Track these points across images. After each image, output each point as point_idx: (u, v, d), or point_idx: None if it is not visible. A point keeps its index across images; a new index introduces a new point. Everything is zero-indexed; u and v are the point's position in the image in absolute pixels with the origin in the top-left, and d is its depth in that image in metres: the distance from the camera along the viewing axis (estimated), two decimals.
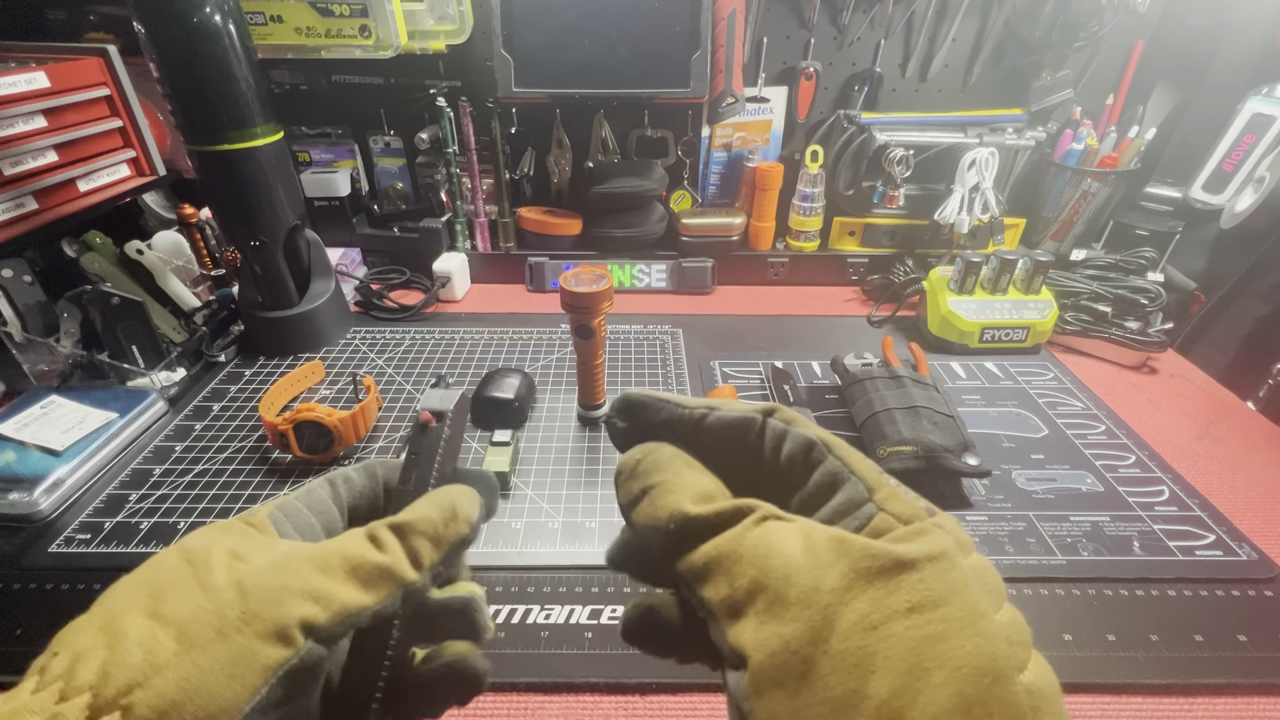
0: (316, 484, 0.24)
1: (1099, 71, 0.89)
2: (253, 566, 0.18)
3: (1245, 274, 0.80)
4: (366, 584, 0.19)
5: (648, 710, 0.40)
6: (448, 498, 0.22)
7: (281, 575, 0.18)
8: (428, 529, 0.21)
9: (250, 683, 0.17)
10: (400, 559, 0.20)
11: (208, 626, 0.17)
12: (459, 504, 0.22)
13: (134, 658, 0.16)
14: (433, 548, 0.21)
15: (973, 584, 0.15)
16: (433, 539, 0.21)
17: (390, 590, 0.20)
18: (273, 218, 0.70)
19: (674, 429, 0.22)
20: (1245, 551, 0.50)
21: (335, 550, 0.20)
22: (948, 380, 0.72)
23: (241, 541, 0.20)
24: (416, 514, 0.21)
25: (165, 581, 0.18)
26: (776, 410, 0.21)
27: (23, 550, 0.50)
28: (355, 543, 0.20)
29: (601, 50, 0.81)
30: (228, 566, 0.18)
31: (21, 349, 0.66)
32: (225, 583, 0.18)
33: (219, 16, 0.59)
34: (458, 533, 0.21)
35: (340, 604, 0.18)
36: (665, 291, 0.94)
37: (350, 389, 0.70)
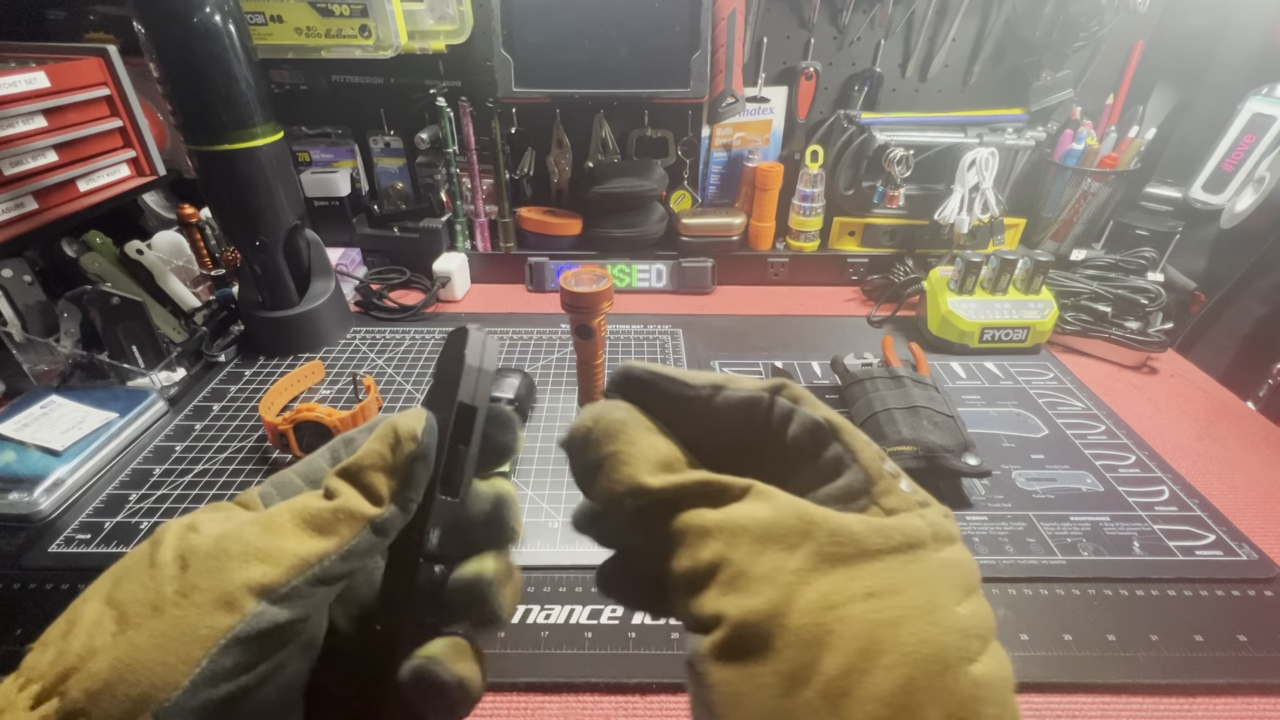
0: (318, 452, 0.23)
1: (1099, 71, 0.88)
2: (198, 537, 0.18)
3: (1245, 274, 0.80)
4: (323, 530, 0.18)
5: (648, 710, 0.40)
6: (388, 425, 0.21)
7: (223, 541, 0.18)
8: (375, 461, 0.20)
9: (187, 655, 0.16)
10: (354, 496, 0.19)
11: (145, 604, 0.17)
12: (399, 426, 0.20)
13: (77, 643, 0.16)
14: (387, 478, 0.20)
15: (937, 575, 0.16)
16: (385, 469, 0.20)
17: (353, 529, 0.19)
18: (273, 218, 0.70)
19: (678, 409, 0.20)
20: (1245, 551, 0.50)
21: (283, 508, 0.19)
22: (948, 380, 0.72)
23: (209, 516, 0.19)
24: (361, 452, 0.20)
25: (128, 565, 0.18)
26: (785, 387, 0.20)
27: (23, 550, 0.50)
28: (305, 497, 0.19)
29: (601, 50, 0.81)
30: (177, 541, 0.18)
31: (21, 349, 0.66)
32: (170, 557, 0.18)
33: (219, 16, 0.59)
34: (407, 452, 0.20)
35: (292, 555, 0.18)
36: (665, 291, 0.94)
37: (350, 389, 0.70)
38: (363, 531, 0.19)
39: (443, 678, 0.20)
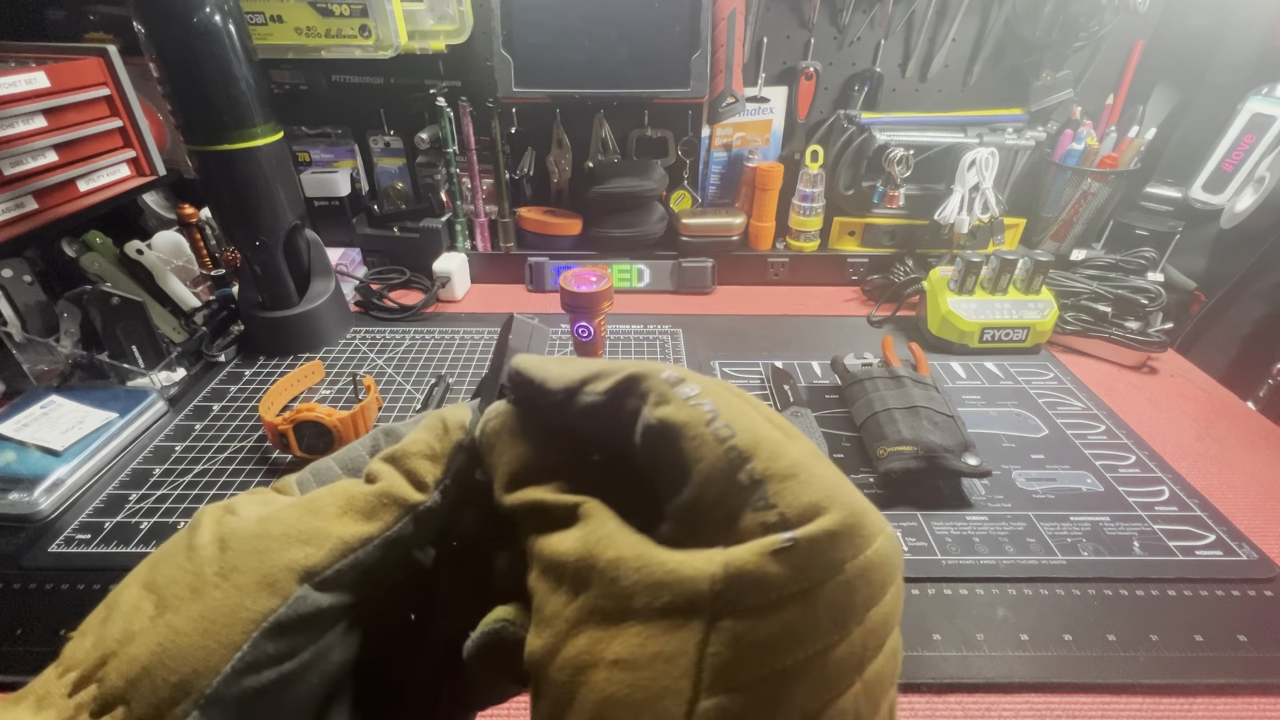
0: (358, 441, 0.22)
1: (1099, 71, 0.89)
2: (238, 520, 0.18)
3: (1245, 274, 0.80)
4: (366, 515, 0.18)
5: None
6: (435, 416, 0.20)
7: (264, 523, 0.17)
8: (421, 448, 0.19)
9: (228, 639, 0.15)
10: (399, 481, 0.19)
11: (184, 586, 0.16)
12: (447, 416, 0.20)
13: (114, 628, 0.16)
14: (432, 465, 0.19)
15: (687, 656, 0.13)
16: (430, 456, 0.19)
17: (395, 514, 0.18)
18: (273, 218, 0.70)
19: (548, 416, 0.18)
20: (1245, 551, 0.50)
21: (325, 491, 0.19)
22: (948, 380, 0.72)
23: (248, 499, 0.19)
24: (408, 440, 0.20)
25: (167, 550, 0.18)
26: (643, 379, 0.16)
27: (23, 550, 0.50)
28: (347, 482, 0.19)
29: (601, 50, 0.81)
30: (215, 524, 0.18)
31: (21, 349, 0.66)
32: (208, 540, 0.17)
33: (219, 16, 0.59)
34: (452, 441, 0.20)
35: (335, 538, 0.17)
36: (665, 291, 0.94)
37: (350, 389, 0.70)
38: (405, 518, 0.18)
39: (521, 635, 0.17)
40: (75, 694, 0.15)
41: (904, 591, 0.26)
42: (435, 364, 0.75)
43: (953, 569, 0.49)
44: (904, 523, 0.53)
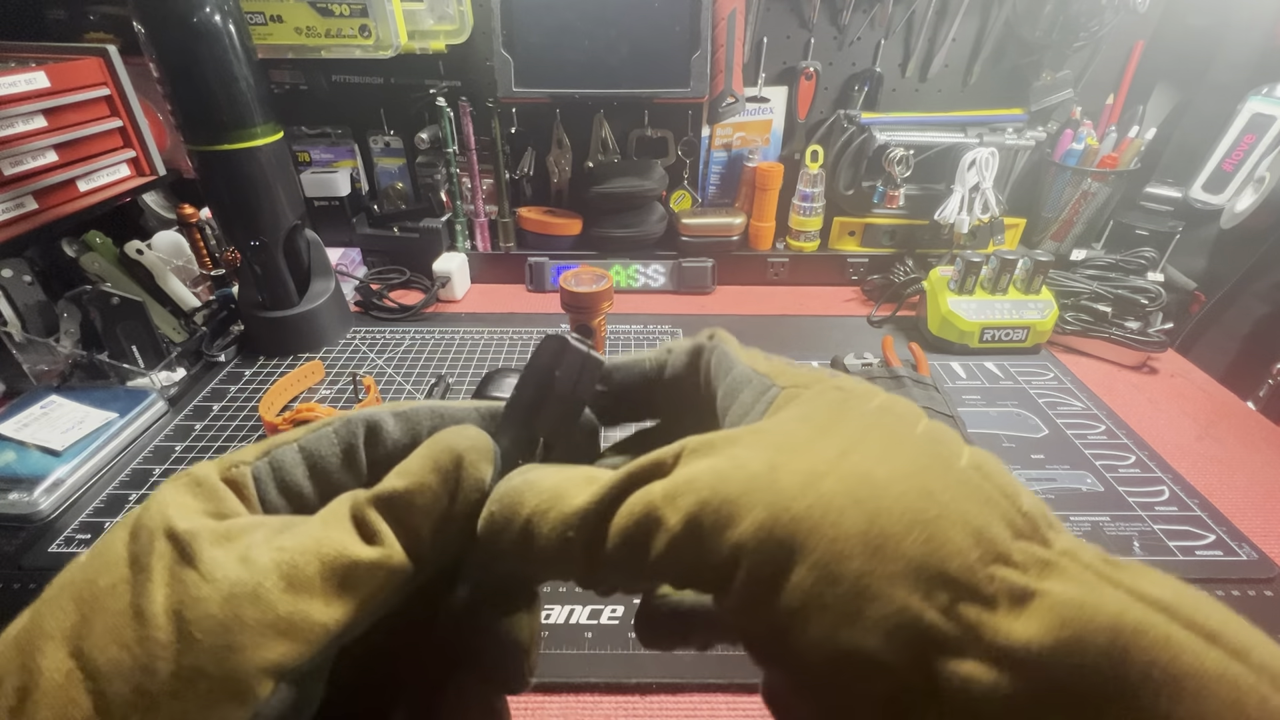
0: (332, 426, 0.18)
1: (1099, 71, 0.89)
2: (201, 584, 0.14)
3: (1245, 274, 0.80)
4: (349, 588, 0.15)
5: (648, 710, 0.40)
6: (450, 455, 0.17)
7: (235, 603, 0.14)
8: (427, 502, 0.16)
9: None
10: (395, 549, 0.16)
11: (131, 687, 0.13)
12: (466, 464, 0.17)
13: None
14: (434, 531, 0.16)
15: (883, 416, 0.15)
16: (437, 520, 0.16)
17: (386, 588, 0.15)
18: (273, 218, 0.70)
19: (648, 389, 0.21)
20: (1245, 551, 0.50)
21: (311, 549, 0.15)
22: (948, 380, 0.72)
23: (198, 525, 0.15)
24: (412, 480, 0.16)
25: (100, 590, 0.14)
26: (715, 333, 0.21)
27: (23, 550, 0.50)
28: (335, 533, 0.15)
29: (601, 50, 0.81)
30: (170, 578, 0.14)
31: (21, 349, 0.66)
32: (162, 608, 0.13)
33: (219, 16, 0.59)
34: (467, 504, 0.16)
35: (320, 627, 0.14)
36: (665, 291, 0.94)
37: (350, 389, 0.70)
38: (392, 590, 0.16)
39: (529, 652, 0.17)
40: None
41: None
42: (435, 364, 0.75)
43: None
44: None
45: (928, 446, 0.14)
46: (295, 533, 0.15)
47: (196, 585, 0.14)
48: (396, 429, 0.19)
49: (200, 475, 0.16)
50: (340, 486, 0.18)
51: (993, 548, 0.12)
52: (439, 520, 0.16)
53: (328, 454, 0.18)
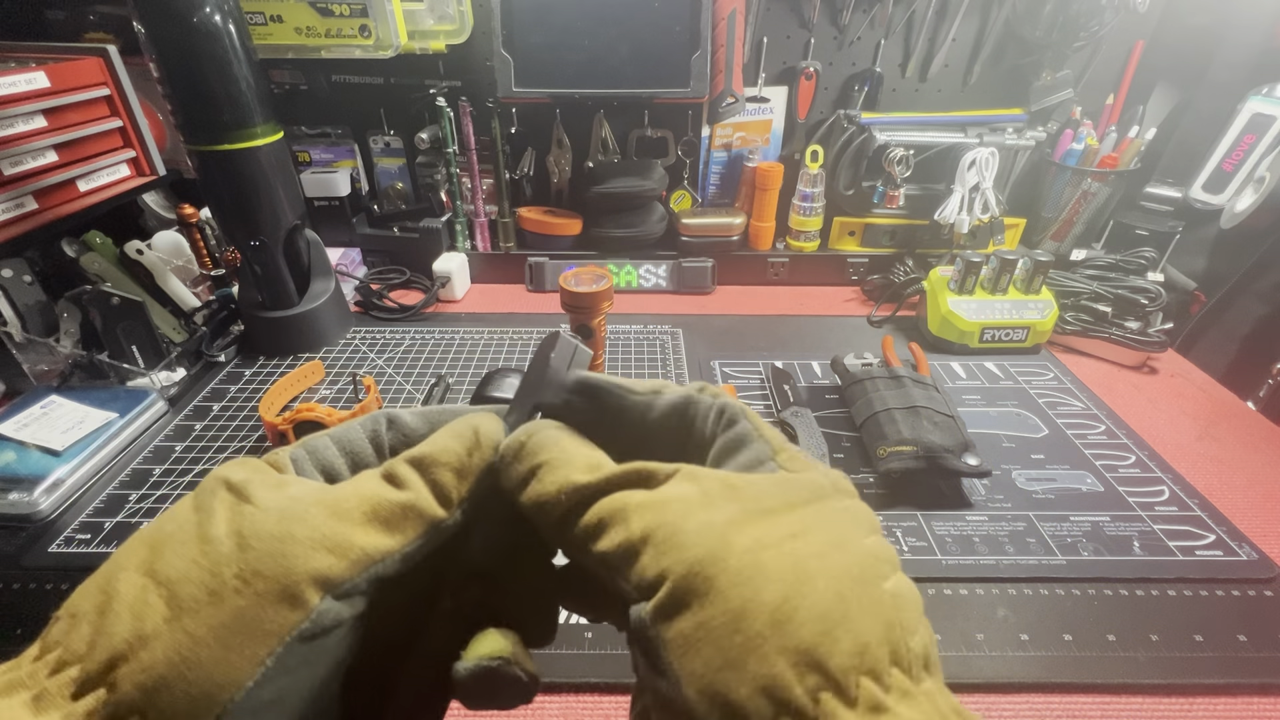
0: (357, 421, 0.21)
1: (1099, 71, 0.89)
2: (257, 513, 0.16)
3: (1245, 274, 0.80)
4: (389, 526, 0.17)
5: None
6: (468, 424, 0.20)
7: (287, 522, 0.16)
8: (450, 460, 0.19)
9: (252, 654, 0.15)
10: (424, 494, 0.18)
11: (200, 587, 0.15)
12: (481, 430, 0.20)
13: (122, 625, 0.15)
14: (458, 479, 0.19)
15: (843, 518, 0.17)
16: (457, 470, 0.19)
17: (418, 530, 0.18)
18: (273, 218, 0.70)
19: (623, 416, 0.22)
20: (1245, 551, 0.50)
21: (350, 491, 0.18)
22: (948, 380, 0.72)
23: (253, 477, 0.18)
24: (436, 445, 0.19)
25: (169, 532, 0.17)
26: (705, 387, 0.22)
27: (23, 550, 0.50)
28: (371, 482, 0.18)
29: (601, 50, 0.81)
30: (230, 511, 0.17)
31: (21, 349, 0.66)
32: (225, 532, 0.16)
33: (219, 16, 0.59)
34: (483, 460, 0.19)
35: (360, 550, 0.17)
36: (665, 291, 0.94)
37: (350, 389, 0.70)
38: (426, 534, 0.18)
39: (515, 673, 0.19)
40: (81, 696, 0.14)
41: None
42: (435, 364, 0.75)
43: (953, 569, 0.49)
44: (904, 523, 0.53)
45: (863, 560, 0.16)
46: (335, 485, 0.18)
47: (252, 513, 0.16)
48: (415, 421, 0.22)
49: (245, 459, 0.19)
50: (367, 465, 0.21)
51: (870, 664, 0.14)
52: (458, 471, 0.19)
53: (355, 438, 0.21)
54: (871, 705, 0.14)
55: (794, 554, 0.16)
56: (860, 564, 0.16)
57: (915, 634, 0.15)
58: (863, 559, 0.16)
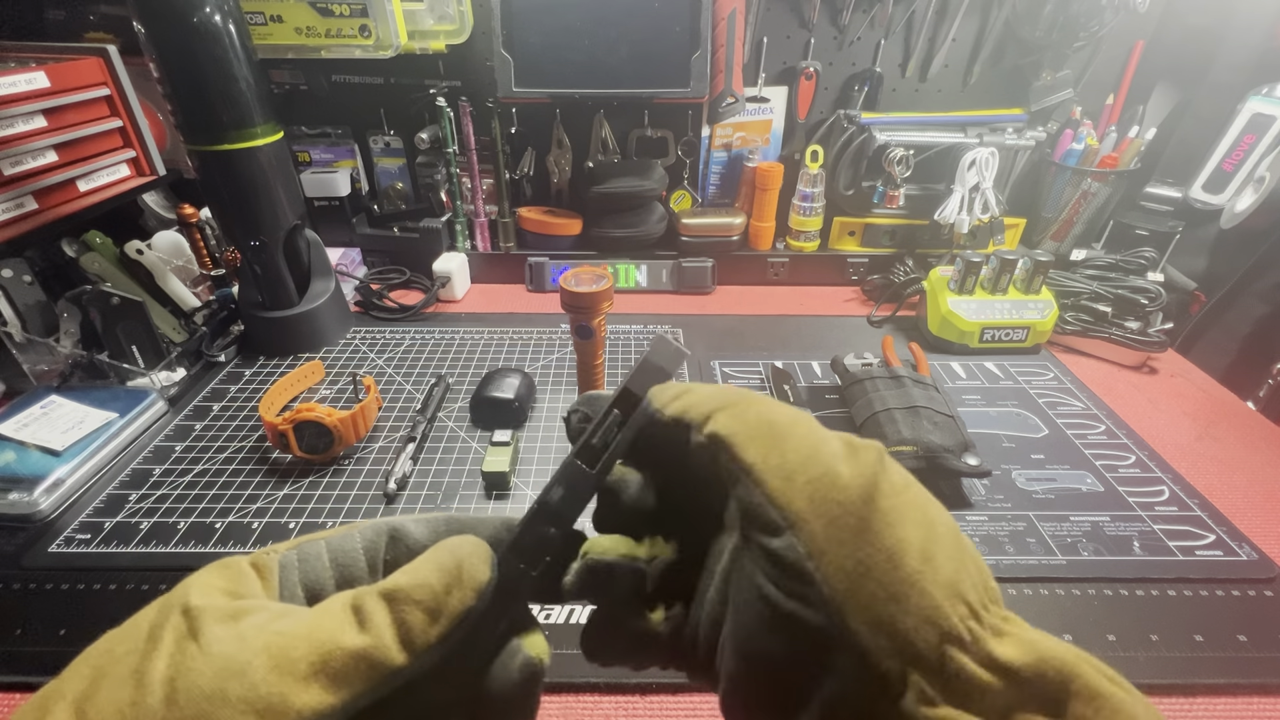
0: (361, 528, 0.21)
1: (1099, 71, 0.88)
2: (198, 656, 0.16)
3: (1245, 274, 0.80)
4: (336, 679, 0.16)
5: (648, 710, 0.40)
6: (452, 555, 0.19)
7: (223, 678, 0.15)
8: (424, 596, 0.17)
9: None
10: (384, 639, 0.17)
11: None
12: (466, 564, 0.19)
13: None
14: (429, 621, 0.17)
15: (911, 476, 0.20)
16: (430, 610, 0.17)
17: (368, 682, 0.16)
18: (273, 218, 0.70)
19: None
20: (1245, 551, 0.50)
21: (303, 635, 0.16)
22: (948, 380, 0.72)
23: (210, 603, 0.17)
24: (413, 577, 0.18)
25: (117, 656, 0.16)
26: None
27: (23, 550, 0.50)
28: (332, 619, 0.17)
29: (601, 50, 0.81)
30: (174, 648, 0.16)
31: (21, 349, 0.66)
32: (160, 678, 0.15)
33: (219, 16, 0.59)
34: (462, 603, 0.18)
35: (295, 714, 0.15)
36: (665, 291, 0.94)
37: (350, 389, 0.70)
38: (376, 686, 0.17)
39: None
40: None
41: None
42: (435, 364, 0.75)
43: None
44: None
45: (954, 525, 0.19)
46: (294, 618, 0.17)
47: (194, 657, 0.16)
48: (420, 532, 0.21)
49: (231, 560, 0.19)
50: (356, 582, 0.20)
51: (990, 596, 0.17)
52: (431, 611, 0.18)
53: (351, 549, 0.20)
54: (996, 629, 0.17)
55: (916, 502, 0.18)
56: (954, 527, 0.18)
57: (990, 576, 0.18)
58: (954, 524, 0.19)
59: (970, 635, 0.16)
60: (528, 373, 0.68)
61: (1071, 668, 0.15)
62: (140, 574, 0.48)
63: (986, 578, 0.18)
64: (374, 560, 0.20)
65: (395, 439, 0.62)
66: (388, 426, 0.64)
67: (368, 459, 0.60)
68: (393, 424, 0.65)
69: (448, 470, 0.59)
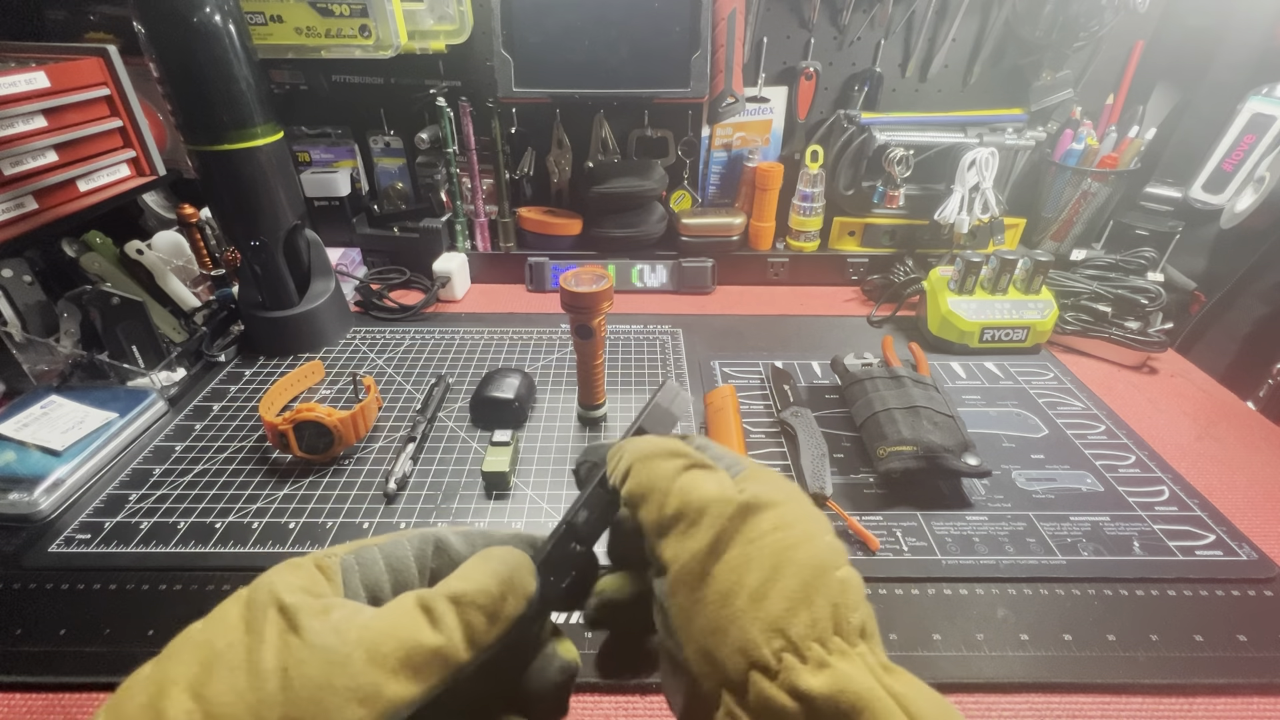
0: (408, 536, 0.23)
1: (1099, 71, 0.88)
2: (303, 648, 0.18)
3: (1245, 274, 0.80)
4: (418, 671, 0.19)
5: (648, 710, 0.40)
6: (505, 565, 0.22)
7: (330, 669, 0.17)
8: (485, 602, 0.20)
9: None
10: (455, 639, 0.19)
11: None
12: (516, 574, 0.22)
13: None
14: (488, 624, 0.20)
15: (812, 515, 0.22)
16: (490, 614, 0.20)
17: (441, 675, 0.19)
18: (273, 218, 0.70)
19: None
20: (1245, 551, 0.50)
21: (389, 632, 0.19)
22: (948, 380, 0.72)
23: (301, 600, 0.19)
24: (473, 584, 0.21)
25: (220, 648, 0.18)
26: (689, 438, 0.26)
27: (23, 550, 0.50)
28: (410, 618, 0.19)
29: (601, 50, 0.81)
30: (279, 641, 0.18)
31: (21, 349, 0.66)
32: (273, 666, 0.17)
33: (219, 16, 0.59)
34: (515, 609, 0.21)
35: (387, 701, 0.18)
36: (665, 291, 0.94)
37: (350, 389, 0.70)
38: (446, 680, 0.19)
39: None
40: None
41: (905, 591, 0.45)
42: (435, 364, 0.75)
43: (953, 569, 0.49)
44: (904, 522, 0.53)
45: (824, 553, 0.21)
46: (378, 614, 0.19)
47: (299, 648, 0.18)
48: (461, 545, 0.24)
49: (298, 560, 0.21)
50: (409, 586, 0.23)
51: (819, 633, 0.19)
52: (491, 615, 0.20)
53: (403, 556, 0.23)
54: (819, 661, 0.19)
55: (773, 546, 0.20)
56: (821, 557, 0.21)
57: (856, 611, 0.20)
58: (824, 552, 0.21)
59: (779, 665, 0.18)
60: (528, 373, 0.68)
61: (865, 702, 0.17)
62: (140, 574, 0.48)
63: (843, 614, 0.20)
64: (423, 567, 0.23)
65: (395, 439, 0.62)
66: (388, 426, 0.64)
67: (368, 459, 0.60)
68: (393, 424, 0.65)
69: (448, 470, 0.59)
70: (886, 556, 0.50)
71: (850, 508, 0.54)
